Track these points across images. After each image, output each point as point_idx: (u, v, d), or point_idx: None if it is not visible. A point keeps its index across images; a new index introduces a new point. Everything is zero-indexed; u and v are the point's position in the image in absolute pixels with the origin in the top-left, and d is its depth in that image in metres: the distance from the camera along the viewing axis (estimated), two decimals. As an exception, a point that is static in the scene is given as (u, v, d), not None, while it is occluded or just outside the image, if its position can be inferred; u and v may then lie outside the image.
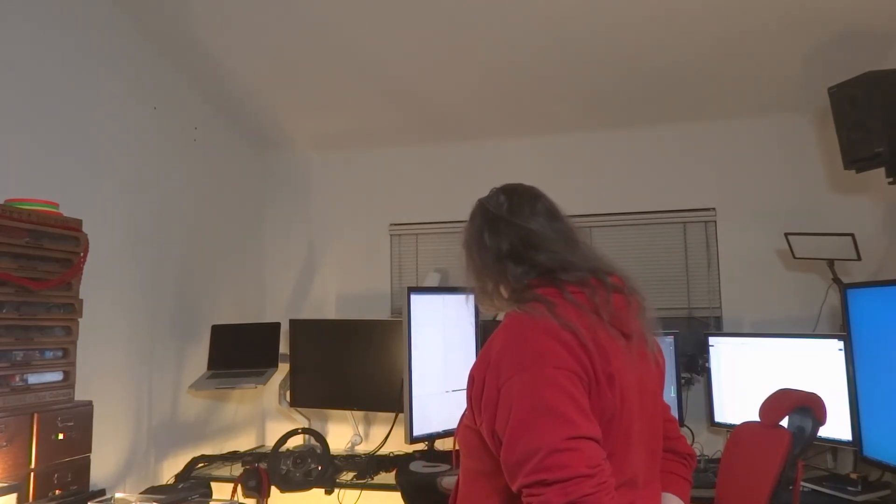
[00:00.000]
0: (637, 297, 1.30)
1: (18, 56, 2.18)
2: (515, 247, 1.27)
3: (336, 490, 2.64)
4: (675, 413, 2.75)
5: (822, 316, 2.83)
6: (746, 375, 2.69)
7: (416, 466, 2.63)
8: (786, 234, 2.75)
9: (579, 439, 1.05)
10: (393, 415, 3.00)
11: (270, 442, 3.27)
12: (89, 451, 2.06)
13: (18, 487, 1.79)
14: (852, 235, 2.60)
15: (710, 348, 2.81)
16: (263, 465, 2.55)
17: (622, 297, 1.25)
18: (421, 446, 2.80)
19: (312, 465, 2.58)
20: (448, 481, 2.40)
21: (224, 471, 2.79)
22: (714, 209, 3.13)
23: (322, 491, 2.62)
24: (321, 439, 2.72)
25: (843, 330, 2.46)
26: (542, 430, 1.05)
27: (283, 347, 3.18)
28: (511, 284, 1.27)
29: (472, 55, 2.77)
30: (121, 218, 2.60)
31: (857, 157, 2.32)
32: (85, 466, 2.04)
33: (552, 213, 1.33)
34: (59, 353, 2.04)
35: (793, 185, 3.01)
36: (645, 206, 3.17)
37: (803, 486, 2.27)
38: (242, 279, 3.48)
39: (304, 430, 2.81)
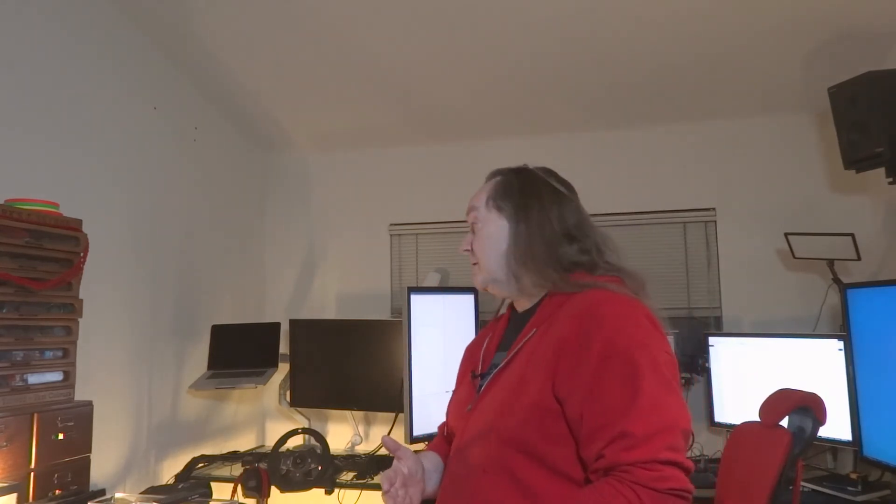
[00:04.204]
0: None
1: (18, 56, 2.18)
2: (581, 225, 1.26)
3: (336, 490, 2.64)
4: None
5: (822, 316, 2.83)
6: (746, 375, 2.68)
7: (416, 466, 2.63)
8: (786, 234, 2.75)
9: (689, 430, 1.07)
10: (393, 415, 3.00)
11: (270, 442, 3.27)
12: (89, 451, 2.06)
13: (18, 487, 1.79)
14: (852, 235, 2.60)
15: (710, 348, 2.81)
16: (263, 465, 2.55)
17: None
18: (421, 446, 2.79)
19: (312, 465, 2.58)
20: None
21: (224, 471, 2.79)
22: (714, 209, 3.13)
23: (322, 491, 2.62)
24: (321, 439, 2.72)
25: (843, 330, 2.46)
26: (674, 407, 1.05)
27: (283, 347, 3.18)
28: (562, 265, 1.22)
29: (472, 55, 2.77)
30: (121, 218, 2.60)
31: (857, 157, 2.32)
32: (85, 466, 2.04)
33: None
34: (59, 353, 2.04)
35: (793, 185, 3.01)
36: (645, 206, 3.17)
37: (803, 486, 2.27)
38: (242, 279, 3.48)
39: (304, 430, 2.81)
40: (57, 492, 1.91)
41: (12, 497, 1.76)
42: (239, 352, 3.08)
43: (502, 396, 1.20)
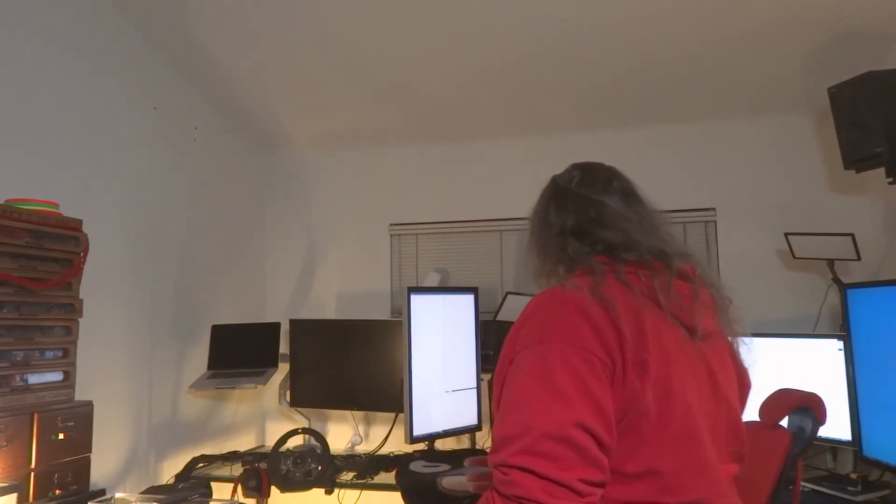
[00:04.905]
0: (712, 292, 1.22)
1: (18, 56, 2.18)
2: (581, 222, 1.20)
3: (336, 490, 2.64)
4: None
5: (822, 316, 2.83)
6: (746, 375, 2.68)
7: (416, 466, 2.63)
8: (786, 234, 2.75)
9: (580, 430, 0.93)
10: (393, 415, 3.00)
11: (270, 442, 3.27)
12: (89, 451, 2.06)
13: (18, 487, 1.79)
14: (852, 235, 2.60)
15: (710, 348, 2.80)
16: (263, 465, 2.55)
17: (688, 286, 1.16)
18: (421, 446, 2.80)
19: (312, 465, 2.58)
20: (448, 481, 2.40)
21: (224, 471, 2.79)
22: (714, 209, 3.13)
23: (322, 491, 2.62)
24: (321, 439, 2.72)
25: (843, 330, 2.46)
26: (539, 407, 0.95)
27: (283, 347, 3.18)
28: (570, 262, 1.19)
29: (472, 55, 2.77)
30: (121, 218, 2.60)
31: (857, 157, 2.32)
32: (85, 466, 2.04)
33: (628, 193, 1.26)
34: (59, 353, 2.04)
35: (793, 185, 3.01)
36: (645, 206, 3.17)
37: (803, 486, 2.27)
38: (242, 279, 3.48)
39: (304, 430, 2.81)
40: (57, 492, 1.91)
41: (12, 497, 1.76)
42: (239, 352, 3.08)
43: None
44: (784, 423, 1.76)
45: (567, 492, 0.91)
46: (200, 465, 2.79)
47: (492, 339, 3.05)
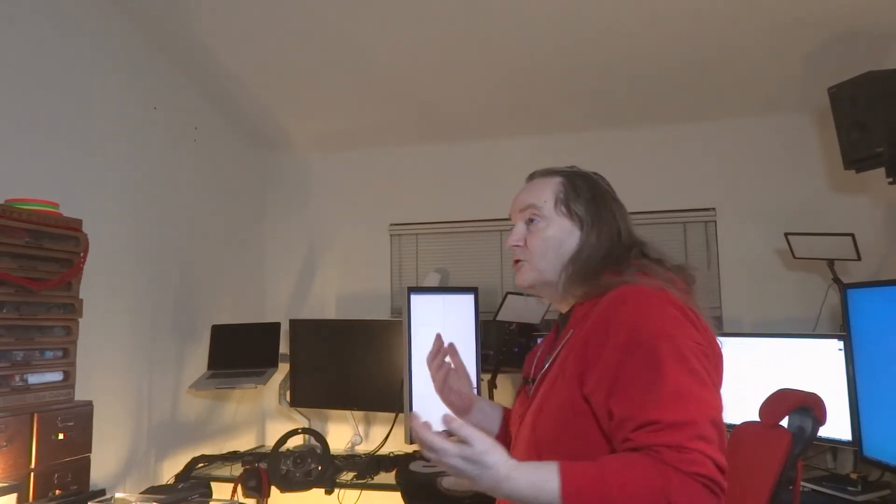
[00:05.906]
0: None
1: (18, 56, 2.17)
2: (624, 228, 1.28)
3: (336, 490, 2.64)
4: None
5: (822, 316, 2.83)
6: (746, 375, 2.68)
7: (416, 466, 2.63)
8: (786, 234, 2.75)
9: (721, 417, 1.05)
10: (393, 415, 3.00)
11: (270, 442, 3.27)
12: (89, 451, 2.06)
13: (18, 487, 1.79)
14: (852, 235, 2.60)
15: (710, 348, 2.80)
16: (263, 465, 2.55)
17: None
18: (421, 446, 2.80)
19: (312, 465, 2.58)
20: (448, 481, 2.40)
21: (224, 471, 2.79)
22: (714, 209, 3.13)
23: (322, 491, 2.62)
24: (321, 439, 2.72)
25: (843, 330, 2.46)
26: (700, 397, 1.03)
27: (283, 347, 3.18)
28: (615, 265, 1.22)
29: (472, 55, 2.77)
30: (121, 218, 2.60)
31: (857, 157, 2.32)
32: (85, 466, 2.04)
33: None
34: (59, 353, 2.04)
35: (793, 185, 3.01)
36: (645, 206, 3.16)
37: (803, 486, 2.27)
38: (242, 279, 3.48)
39: (304, 430, 2.81)
40: (57, 492, 1.91)
41: (12, 497, 1.76)
42: (239, 352, 3.08)
43: (540, 401, 1.22)
44: (784, 423, 1.76)
45: (720, 471, 1.00)
46: (200, 465, 2.79)
47: (492, 339, 3.05)
